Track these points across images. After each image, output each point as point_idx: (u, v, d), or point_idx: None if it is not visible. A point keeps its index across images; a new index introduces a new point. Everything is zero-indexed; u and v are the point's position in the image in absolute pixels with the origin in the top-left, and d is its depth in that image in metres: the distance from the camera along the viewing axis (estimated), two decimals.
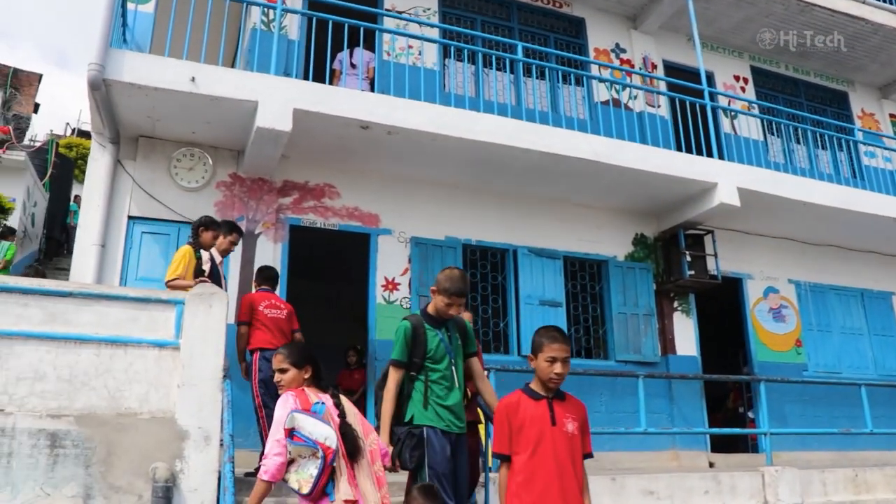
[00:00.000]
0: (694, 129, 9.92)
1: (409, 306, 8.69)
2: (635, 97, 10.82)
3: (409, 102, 8.20)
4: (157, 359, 5.40)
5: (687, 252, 9.88)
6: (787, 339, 10.99)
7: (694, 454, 9.56)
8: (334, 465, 3.55)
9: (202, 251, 6.65)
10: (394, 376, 4.40)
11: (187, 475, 5.09)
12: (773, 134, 12.05)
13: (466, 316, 7.58)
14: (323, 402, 3.75)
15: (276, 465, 3.56)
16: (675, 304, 10.31)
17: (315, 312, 10.99)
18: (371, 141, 8.25)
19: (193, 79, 7.32)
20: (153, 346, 5.43)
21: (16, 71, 23.71)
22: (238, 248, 8.15)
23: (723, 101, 11.58)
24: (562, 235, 9.85)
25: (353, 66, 9.37)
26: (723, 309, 11.31)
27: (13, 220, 13.11)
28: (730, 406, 12.05)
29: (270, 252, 8.24)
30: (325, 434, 3.55)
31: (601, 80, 10.04)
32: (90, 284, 5.55)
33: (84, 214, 7.85)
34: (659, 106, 11.02)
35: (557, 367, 3.64)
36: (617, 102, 10.48)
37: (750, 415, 10.88)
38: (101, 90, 7.10)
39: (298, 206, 8.64)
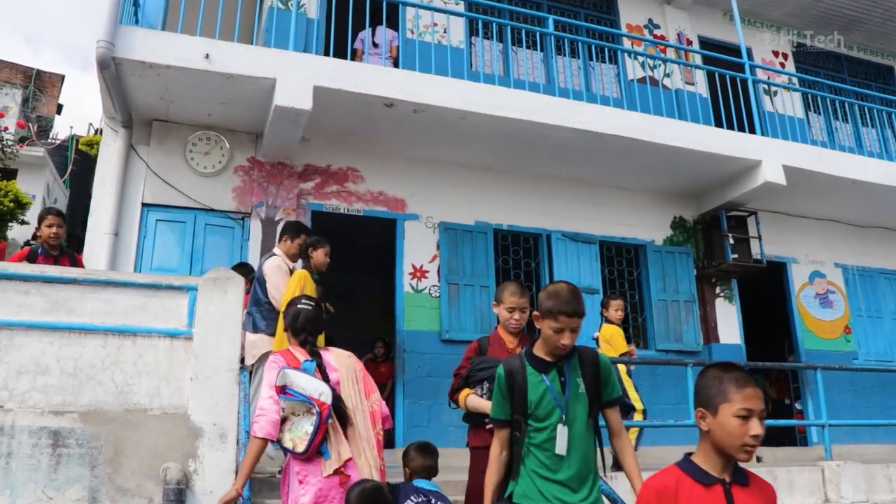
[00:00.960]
0: (734, 107, 9.30)
1: (437, 295, 8.18)
2: (670, 74, 10.20)
3: (436, 78, 7.68)
4: (168, 350, 4.93)
5: (730, 234, 9.26)
6: (835, 325, 10.34)
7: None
8: (329, 421, 3.38)
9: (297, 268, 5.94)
10: (495, 440, 3.22)
11: (202, 476, 4.61)
12: (815, 112, 11.37)
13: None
14: (312, 360, 3.56)
15: (270, 423, 3.37)
16: (718, 289, 9.70)
17: (339, 302, 10.58)
18: (396, 120, 7.74)
19: (208, 55, 6.84)
20: (164, 337, 4.96)
21: (39, 72, 23.48)
22: (257, 236, 7.71)
23: (762, 79, 10.92)
24: (597, 219, 9.29)
25: (375, 45, 8.86)
26: (766, 295, 10.67)
27: (31, 216, 12.76)
28: (773, 397, 11.40)
29: None
30: (320, 390, 3.39)
31: (636, 55, 9.45)
32: (96, 270, 5.09)
33: (96, 202, 7.42)
34: (696, 83, 10.40)
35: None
36: (652, 80, 9.86)
37: (797, 406, 10.25)
38: (111, 69, 6.65)
39: (320, 190, 8.16)
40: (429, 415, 7.85)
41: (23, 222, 11.72)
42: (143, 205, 7.50)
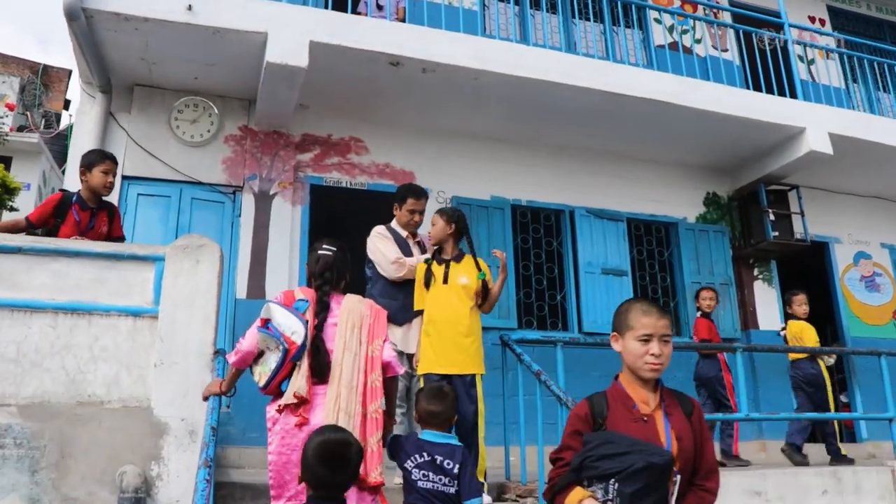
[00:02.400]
0: (769, 75, 8.37)
1: None
2: (700, 40, 9.26)
3: (447, 34, 6.81)
4: (130, 331, 4.11)
5: (770, 210, 8.34)
6: (882, 311, 9.39)
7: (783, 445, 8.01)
8: (297, 362, 3.15)
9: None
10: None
11: (166, 481, 3.78)
12: (855, 81, 10.40)
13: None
14: (307, 300, 3.31)
15: (241, 354, 3.24)
16: (756, 271, 8.78)
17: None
18: (403, 82, 6.87)
19: (190, 7, 6.00)
20: (126, 316, 4.13)
21: (46, 67, 22.81)
22: (249, 211, 6.87)
23: (802, 41, 9.96)
24: (624, 194, 8.38)
25: (379, 7, 7.99)
26: (805, 278, 9.72)
27: (24, 203, 11.99)
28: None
29: (288, 215, 6.92)
30: (294, 328, 3.18)
31: (664, 11, 8.51)
32: (45, 238, 4.25)
33: (71, 173, 6.58)
34: (728, 49, 9.47)
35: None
36: (681, 47, 8.95)
37: (842, 398, 9.30)
38: (81, 21, 5.81)
39: (320, 162, 7.30)
40: None
41: (11, 208, 10.92)
42: (124, 177, 6.66)
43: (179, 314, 4.04)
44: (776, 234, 8.30)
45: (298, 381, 3.08)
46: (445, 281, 4.70)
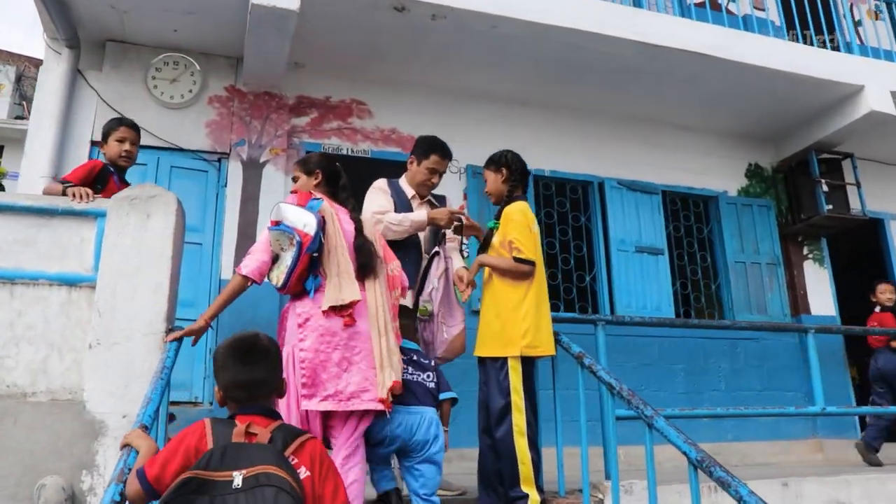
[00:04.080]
0: (814, 37, 7.39)
1: (468, 254, 6.38)
2: None
3: None
4: (64, 305, 3.20)
5: (823, 181, 7.36)
6: None
7: (842, 444, 7.01)
8: (315, 255, 3.04)
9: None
10: None
11: (101, 496, 2.86)
12: None
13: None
14: (321, 199, 3.24)
15: (257, 262, 3.05)
16: (805, 250, 7.79)
17: None
18: (410, 33, 5.95)
19: None
20: (58, 285, 3.23)
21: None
22: (237, 181, 5.97)
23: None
24: (659, 164, 7.42)
25: None
26: (856, 258, 8.73)
27: (11, 188, 11.24)
28: (857, 380, 9.44)
29: (281, 185, 5.99)
30: (305, 221, 3.05)
31: None
32: None
33: (32, 139, 5.71)
34: (766, 9, 8.47)
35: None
36: (714, 4, 7.97)
37: None
38: None
39: (318, 127, 6.39)
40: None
41: None
42: (93, 143, 5.79)
43: (122, 282, 3.13)
44: (830, 207, 7.31)
45: (344, 284, 3.03)
46: (485, 247, 3.81)
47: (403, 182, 4.16)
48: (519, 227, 3.64)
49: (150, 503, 1.91)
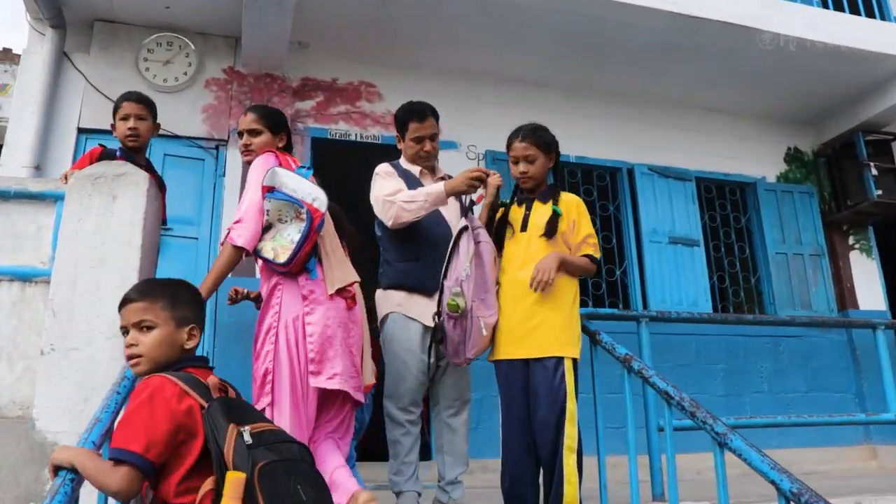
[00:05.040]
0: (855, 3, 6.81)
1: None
2: None
3: None
4: (16, 303, 2.71)
5: (872, 164, 6.75)
6: None
7: None
8: (321, 233, 2.77)
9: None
10: None
11: None
12: None
13: None
14: (310, 169, 2.94)
15: (251, 232, 2.70)
16: (851, 240, 7.18)
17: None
18: (422, 7, 5.43)
19: None
20: (9, 280, 2.72)
21: None
22: (235, 170, 5.47)
23: None
24: (691, 149, 6.84)
25: None
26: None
27: None
28: None
29: None
30: (314, 194, 2.75)
31: None
32: None
33: (14, 127, 5.23)
34: None
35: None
36: None
37: None
38: None
39: (324, 111, 5.87)
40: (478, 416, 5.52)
41: None
42: (80, 130, 5.32)
43: (83, 277, 2.62)
44: (880, 192, 6.70)
45: (344, 266, 2.91)
46: (525, 227, 3.23)
47: (405, 163, 3.64)
48: (590, 224, 3.30)
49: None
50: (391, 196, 3.32)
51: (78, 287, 2.59)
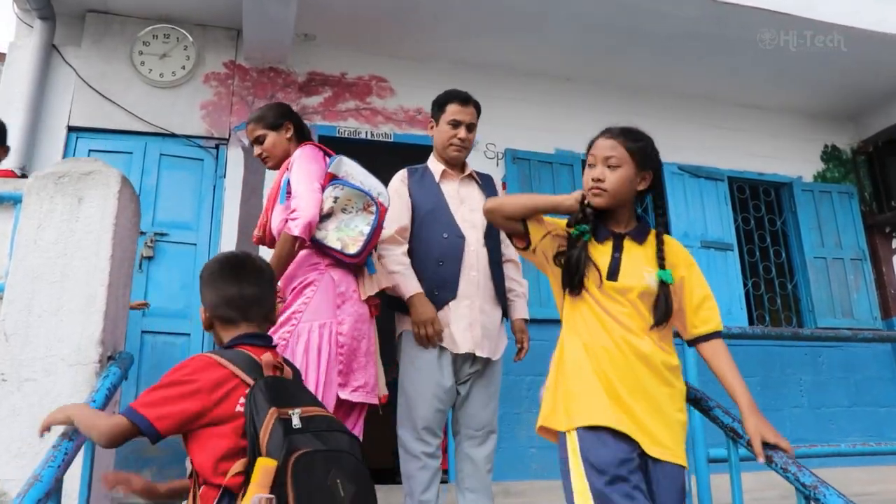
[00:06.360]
0: None
1: None
2: None
3: None
4: None
5: None
6: None
7: None
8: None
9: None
10: None
11: None
12: None
13: None
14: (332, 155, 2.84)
15: (307, 221, 2.53)
16: (895, 243, 6.71)
17: None
18: None
19: None
20: None
21: None
22: (237, 170, 5.06)
23: None
24: (722, 148, 6.38)
25: None
26: None
27: None
28: None
29: None
30: (379, 189, 2.74)
31: None
32: None
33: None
34: None
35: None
36: None
37: None
38: None
39: (331, 108, 5.46)
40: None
41: None
42: (70, 129, 4.92)
43: (42, 293, 2.20)
44: None
45: (380, 269, 2.83)
46: (614, 276, 2.18)
47: (432, 160, 3.23)
48: (704, 278, 2.32)
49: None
50: (384, 243, 2.97)
51: (35, 306, 2.18)
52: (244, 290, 1.84)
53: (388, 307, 3.02)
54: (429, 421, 2.86)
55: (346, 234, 2.63)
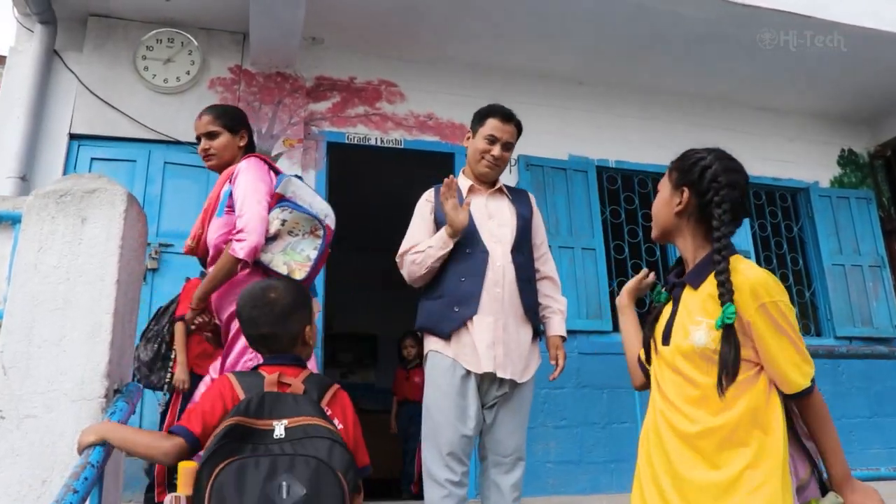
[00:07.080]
0: None
1: None
2: None
3: None
4: None
5: None
6: None
7: None
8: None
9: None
10: None
11: None
12: None
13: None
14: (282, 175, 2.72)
15: (254, 243, 2.43)
16: None
17: (367, 280, 7.80)
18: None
19: None
20: None
21: None
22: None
23: None
24: (737, 152, 5.98)
25: None
26: None
27: None
28: None
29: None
30: (325, 211, 2.68)
31: None
32: None
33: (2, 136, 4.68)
34: None
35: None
36: None
37: None
38: None
39: (340, 113, 5.30)
40: None
41: None
42: (72, 136, 4.76)
43: (43, 322, 2.03)
44: None
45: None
46: (666, 340, 1.75)
47: (462, 176, 3.06)
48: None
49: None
50: (403, 252, 2.87)
51: (36, 336, 2.01)
52: (261, 331, 1.91)
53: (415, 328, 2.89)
54: (454, 446, 2.69)
55: (293, 259, 2.56)
